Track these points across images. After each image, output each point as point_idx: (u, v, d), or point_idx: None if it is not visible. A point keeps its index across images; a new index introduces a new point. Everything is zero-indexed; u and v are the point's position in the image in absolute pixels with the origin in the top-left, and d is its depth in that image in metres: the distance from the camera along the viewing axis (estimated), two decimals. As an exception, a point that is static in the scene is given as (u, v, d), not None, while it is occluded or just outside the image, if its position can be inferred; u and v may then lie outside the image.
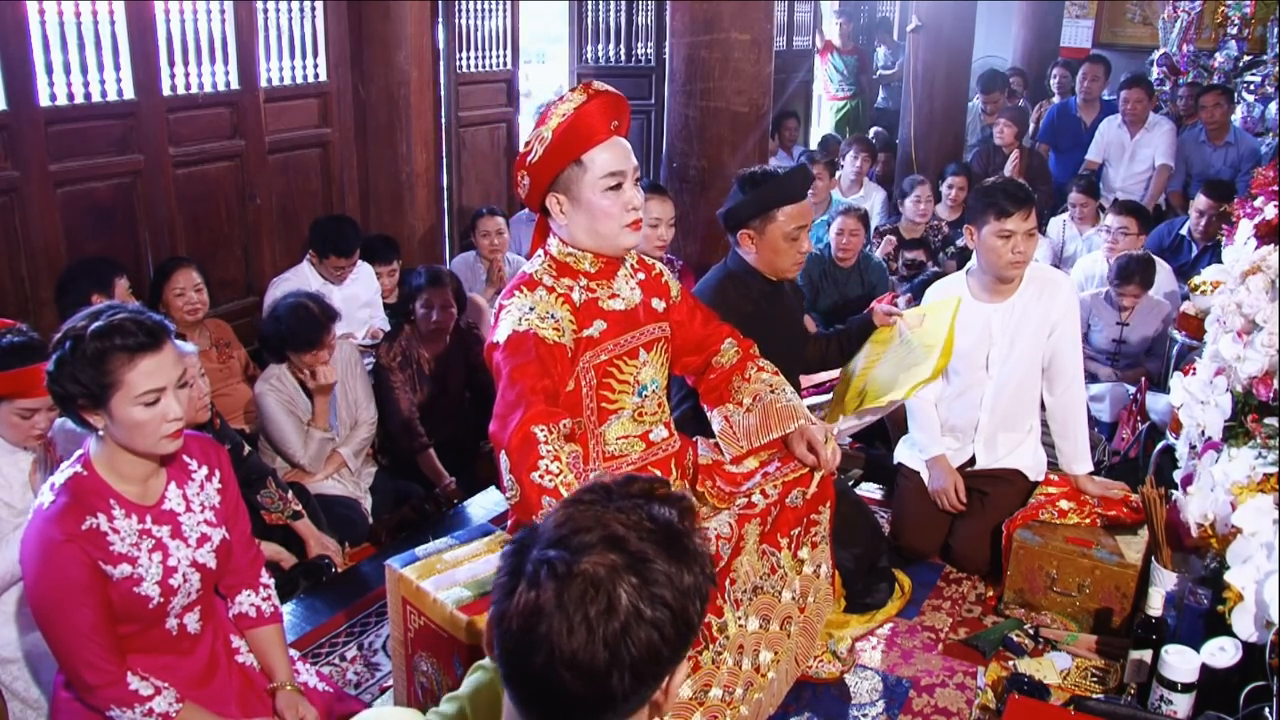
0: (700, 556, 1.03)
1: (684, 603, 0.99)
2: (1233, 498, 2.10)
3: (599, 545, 0.98)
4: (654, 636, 0.97)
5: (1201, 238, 4.83)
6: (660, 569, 0.99)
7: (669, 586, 0.98)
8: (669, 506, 1.04)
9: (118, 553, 1.80)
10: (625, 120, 2.11)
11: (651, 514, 1.02)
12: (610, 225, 2.09)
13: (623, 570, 0.97)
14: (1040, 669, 2.56)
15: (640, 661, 0.97)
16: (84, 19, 3.76)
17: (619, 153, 2.07)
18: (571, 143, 2.03)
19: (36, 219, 3.66)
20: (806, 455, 2.26)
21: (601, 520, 1.01)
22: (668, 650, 0.99)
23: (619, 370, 2.18)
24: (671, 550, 1.00)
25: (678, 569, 1.00)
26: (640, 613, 0.97)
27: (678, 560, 1.00)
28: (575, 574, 0.97)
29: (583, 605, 0.95)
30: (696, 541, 1.04)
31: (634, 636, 0.96)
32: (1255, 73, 7.20)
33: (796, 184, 2.78)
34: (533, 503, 1.86)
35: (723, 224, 2.83)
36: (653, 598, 0.97)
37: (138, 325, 1.74)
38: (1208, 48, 7.57)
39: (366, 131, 4.88)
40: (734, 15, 3.93)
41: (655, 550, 0.99)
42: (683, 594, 0.99)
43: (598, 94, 2.06)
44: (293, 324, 3.30)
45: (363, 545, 3.38)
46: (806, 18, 8.41)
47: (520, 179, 2.13)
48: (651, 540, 1.00)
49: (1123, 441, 3.71)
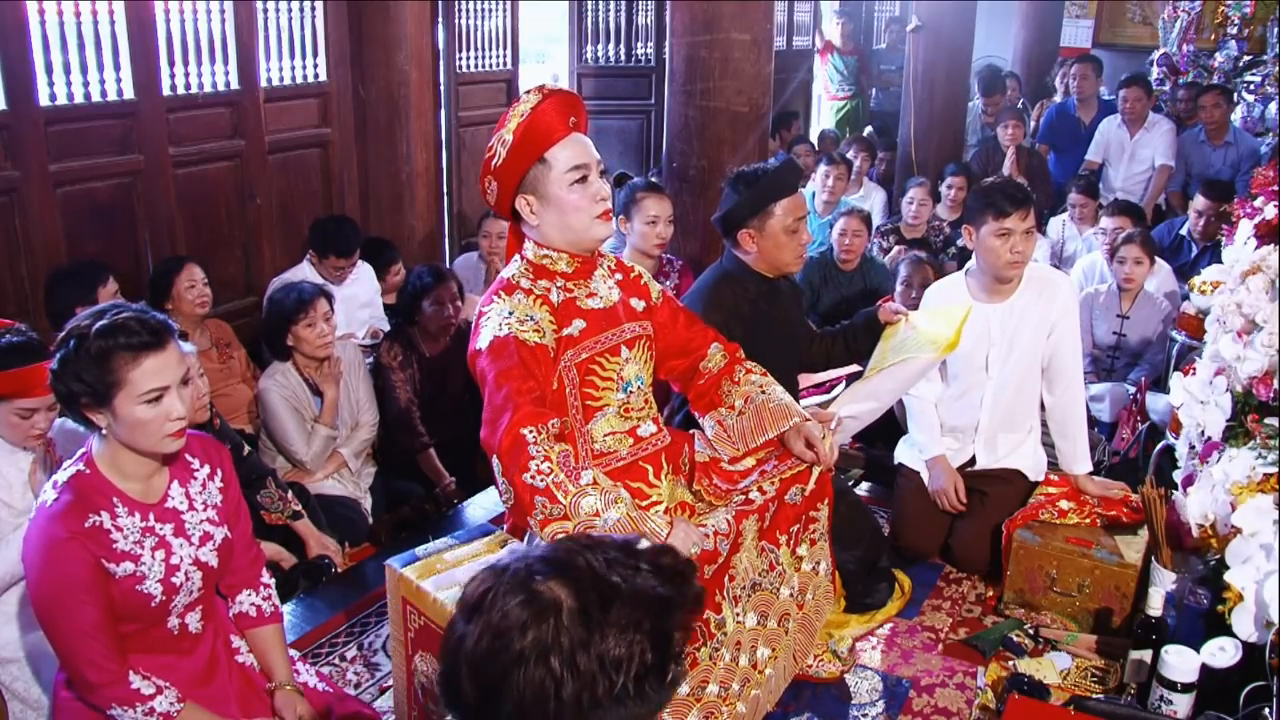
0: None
1: (598, 672, 0.96)
2: (1233, 498, 2.10)
3: (564, 579, 0.98)
4: (547, 686, 0.95)
5: (1201, 238, 4.83)
6: (598, 631, 0.96)
7: (591, 650, 0.96)
8: (667, 584, 1.01)
9: (120, 551, 1.80)
10: (582, 117, 2.15)
11: (637, 580, 1.00)
12: (581, 218, 2.12)
13: (565, 613, 0.96)
14: (1040, 669, 2.57)
15: (525, 700, 0.95)
16: (84, 19, 3.75)
17: (580, 147, 2.11)
18: (533, 142, 2.07)
19: (36, 219, 3.66)
20: (805, 452, 2.27)
21: (587, 563, 1.00)
22: (556, 705, 0.96)
23: (601, 367, 2.19)
24: (620, 619, 0.97)
25: (616, 639, 0.97)
26: (545, 658, 0.95)
27: (622, 631, 0.97)
28: (530, 592, 0.97)
29: (507, 619, 0.96)
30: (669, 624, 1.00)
31: (528, 674, 0.95)
32: (1255, 73, 7.20)
33: (788, 177, 2.78)
34: (526, 503, 1.88)
35: (720, 228, 2.83)
36: (568, 652, 0.95)
37: (141, 324, 1.74)
38: (1208, 48, 7.57)
39: (366, 131, 4.88)
40: (734, 15, 3.93)
41: (603, 613, 0.96)
42: (602, 663, 0.96)
43: (552, 93, 2.11)
44: (281, 296, 3.39)
45: (363, 545, 3.39)
46: (806, 18, 8.42)
47: (487, 185, 2.17)
48: (607, 603, 0.98)
49: (1123, 441, 3.71)
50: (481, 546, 2.26)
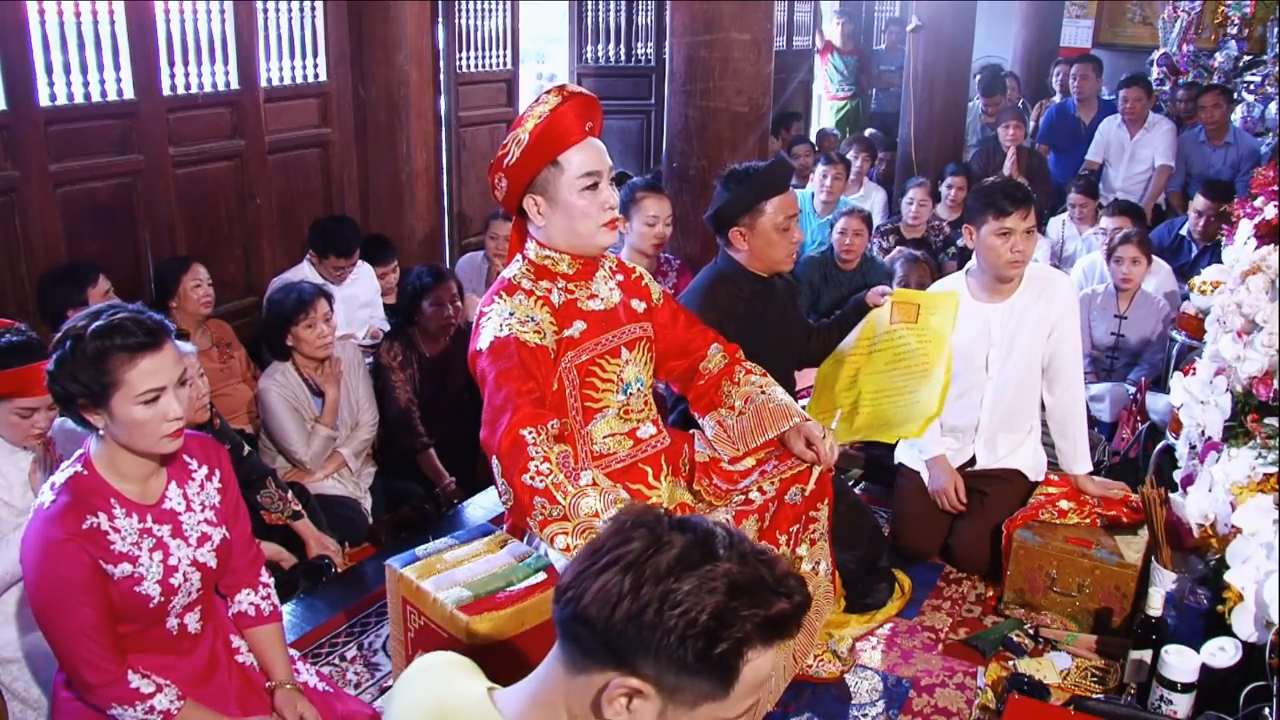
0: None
1: (654, 601, 1.01)
2: (1233, 498, 2.10)
3: (684, 533, 1.06)
4: (612, 593, 1.02)
5: (1201, 238, 4.83)
6: (677, 577, 1.02)
7: (660, 584, 1.02)
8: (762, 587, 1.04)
9: (118, 552, 1.80)
10: (599, 122, 2.14)
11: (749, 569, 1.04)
12: (588, 225, 2.12)
13: (666, 550, 1.04)
14: (1040, 669, 2.56)
15: (594, 600, 1.03)
16: (84, 19, 3.75)
17: (594, 153, 2.10)
18: (548, 144, 2.06)
19: (36, 219, 3.65)
20: (805, 452, 2.27)
21: (711, 532, 1.07)
22: (609, 615, 1.02)
23: (601, 369, 2.19)
24: (701, 579, 1.02)
25: (687, 590, 1.02)
26: (626, 570, 1.03)
27: (696, 587, 1.02)
28: (654, 529, 1.06)
29: (628, 540, 1.05)
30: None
31: (607, 579, 1.03)
32: (1255, 73, 7.20)
33: (780, 175, 2.78)
34: (525, 504, 1.89)
35: (711, 227, 2.84)
36: (644, 577, 1.02)
37: (138, 324, 1.74)
38: (1208, 48, 7.57)
39: (366, 131, 4.88)
40: (734, 15, 3.93)
41: (691, 568, 1.02)
42: (663, 599, 1.01)
43: (572, 95, 2.09)
44: (281, 296, 3.38)
45: (363, 545, 3.39)
46: (806, 18, 8.41)
47: (497, 181, 2.16)
48: (699, 564, 1.03)
49: (1123, 441, 3.71)
50: (481, 546, 2.26)
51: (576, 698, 1.08)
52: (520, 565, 2.17)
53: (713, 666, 1.02)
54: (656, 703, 1.05)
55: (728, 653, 1.01)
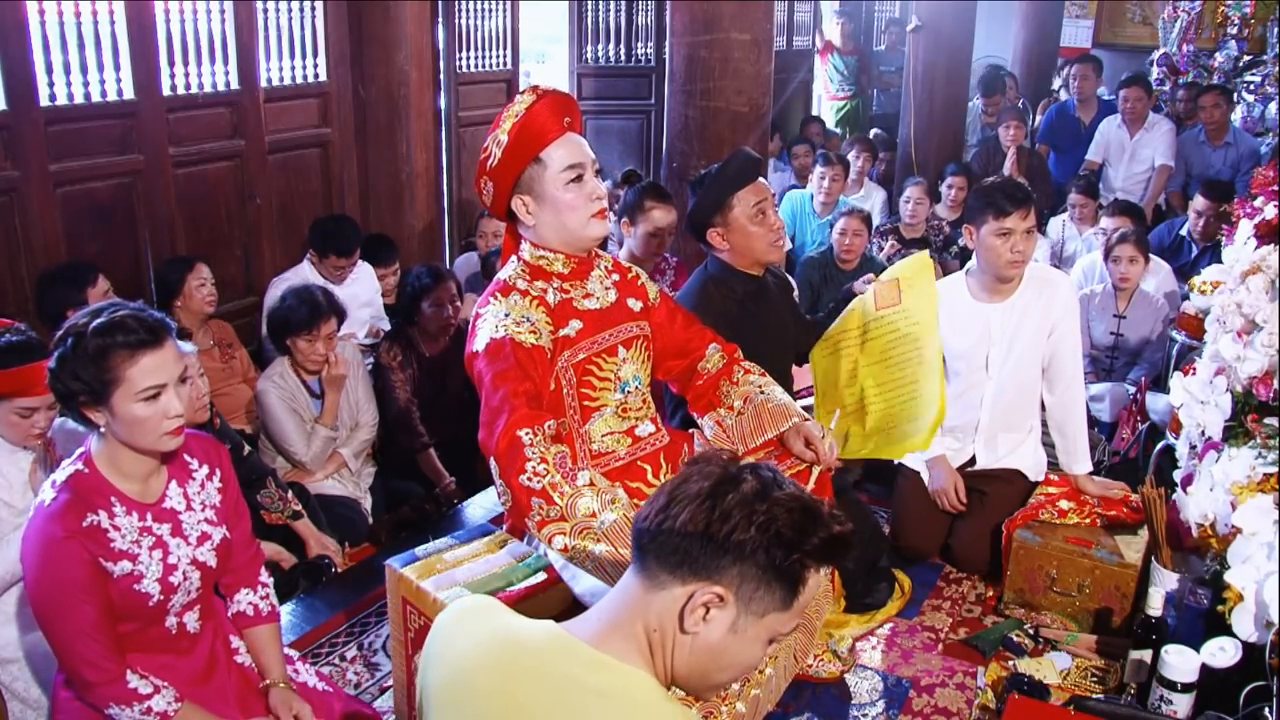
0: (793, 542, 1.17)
1: (734, 510, 1.16)
2: (1233, 498, 2.10)
3: (755, 478, 1.20)
4: (699, 518, 1.15)
5: (1201, 238, 4.83)
6: (751, 506, 1.16)
7: (746, 506, 1.16)
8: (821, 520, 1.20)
9: (118, 550, 1.80)
10: (576, 117, 2.15)
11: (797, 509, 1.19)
12: (577, 217, 2.12)
13: (743, 484, 1.18)
14: (1040, 669, 2.56)
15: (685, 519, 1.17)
16: (84, 19, 3.76)
17: (575, 146, 2.12)
18: (528, 142, 2.07)
19: (36, 219, 3.66)
20: (805, 451, 2.27)
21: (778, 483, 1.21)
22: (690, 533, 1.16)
23: (599, 368, 2.19)
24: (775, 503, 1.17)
25: (761, 511, 1.16)
26: (707, 498, 1.16)
27: (771, 510, 1.16)
28: (727, 469, 1.21)
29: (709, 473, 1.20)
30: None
31: (697, 507, 1.16)
32: (1255, 73, 7.20)
33: (742, 167, 2.78)
34: (523, 505, 1.89)
35: (692, 234, 2.85)
36: (728, 502, 1.17)
37: (139, 322, 1.75)
38: (1208, 48, 7.57)
39: (366, 131, 4.88)
40: (734, 15, 3.93)
41: (759, 501, 1.17)
42: (749, 513, 1.16)
43: (546, 93, 2.11)
44: (295, 303, 3.34)
45: (363, 545, 3.38)
46: (806, 18, 8.41)
47: (483, 186, 2.17)
48: (766, 496, 1.18)
49: (1123, 441, 3.71)
50: (481, 546, 2.26)
51: (657, 612, 1.18)
52: (520, 565, 2.17)
53: (784, 576, 1.17)
54: (732, 610, 1.17)
55: (798, 563, 1.17)
